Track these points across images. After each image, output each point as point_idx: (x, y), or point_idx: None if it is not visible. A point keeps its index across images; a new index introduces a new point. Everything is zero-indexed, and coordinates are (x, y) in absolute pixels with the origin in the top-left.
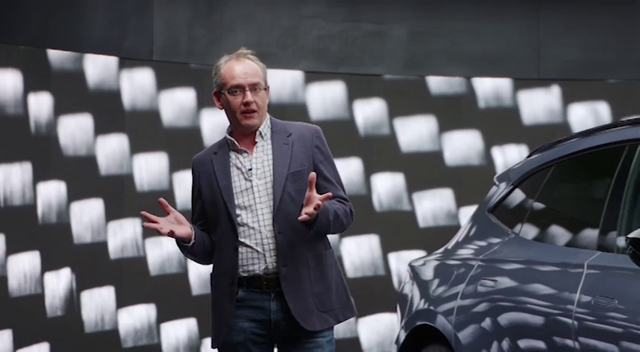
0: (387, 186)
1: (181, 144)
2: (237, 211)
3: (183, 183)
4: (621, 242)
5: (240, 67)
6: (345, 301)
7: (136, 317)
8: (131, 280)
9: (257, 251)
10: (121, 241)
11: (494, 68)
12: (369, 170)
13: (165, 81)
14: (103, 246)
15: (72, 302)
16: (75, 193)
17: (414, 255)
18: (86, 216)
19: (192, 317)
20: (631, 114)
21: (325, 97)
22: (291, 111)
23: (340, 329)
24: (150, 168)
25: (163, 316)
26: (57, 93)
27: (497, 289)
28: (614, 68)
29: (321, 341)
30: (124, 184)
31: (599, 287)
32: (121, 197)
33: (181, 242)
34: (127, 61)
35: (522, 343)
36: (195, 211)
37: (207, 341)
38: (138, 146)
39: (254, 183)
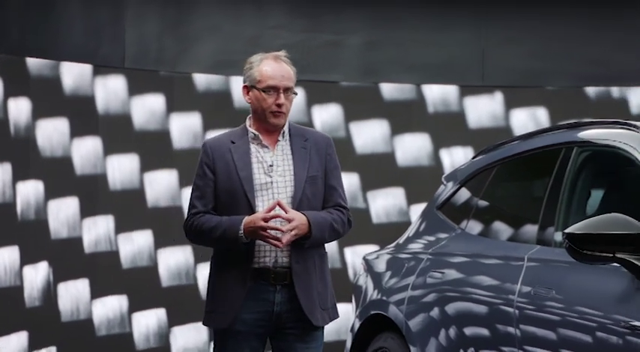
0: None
1: (151, 147)
2: (257, 202)
3: (155, 182)
4: (559, 237)
5: (277, 69)
6: (334, 303)
7: (109, 307)
8: (104, 273)
9: (269, 245)
10: (95, 236)
11: (442, 76)
12: None
13: (136, 87)
14: (78, 241)
15: (49, 294)
16: (52, 192)
17: (368, 249)
18: (62, 213)
19: (162, 308)
20: (567, 118)
21: None
22: None
23: None
24: (122, 169)
25: (134, 306)
26: (35, 99)
27: (445, 281)
28: (551, 76)
29: (316, 334)
30: (97, 183)
31: (539, 278)
32: (95, 195)
33: (241, 237)
34: (100, 69)
35: (468, 330)
36: (206, 193)
37: (176, 330)
38: (111, 148)
39: (274, 180)
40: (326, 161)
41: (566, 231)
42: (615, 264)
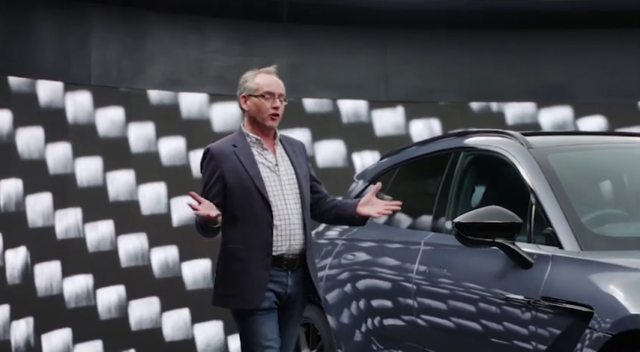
0: None
1: (113, 151)
2: (271, 197)
3: (115, 181)
4: (449, 225)
5: (271, 79)
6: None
7: (77, 284)
8: (73, 256)
9: (283, 234)
10: (66, 225)
11: (353, 92)
12: None
13: (100, 101)
14: (51, 229)
15: (27, 273)
16: (30, 188)
17: None
18: (38, 206)
19: (122, 285)
20: (456, 128)
21: (225, 115)
22: (199, 125)
23: None
24: (88, 169)
25: (99, 283)
26: (15, 111)
27: (356, 262)
28: (443, 93)
29: (302, 316)
30: (67, 181)
31: (433, 259)
32: (66, 191)
33: (208, 223)
34: (70, 85)
35: (375, 303)
36: (212, 191)
37: (133, 303)
38: (79, 151)
39: (280, 177)
40: (307, 162)
41: (455, 220)
42: (494, 248)
